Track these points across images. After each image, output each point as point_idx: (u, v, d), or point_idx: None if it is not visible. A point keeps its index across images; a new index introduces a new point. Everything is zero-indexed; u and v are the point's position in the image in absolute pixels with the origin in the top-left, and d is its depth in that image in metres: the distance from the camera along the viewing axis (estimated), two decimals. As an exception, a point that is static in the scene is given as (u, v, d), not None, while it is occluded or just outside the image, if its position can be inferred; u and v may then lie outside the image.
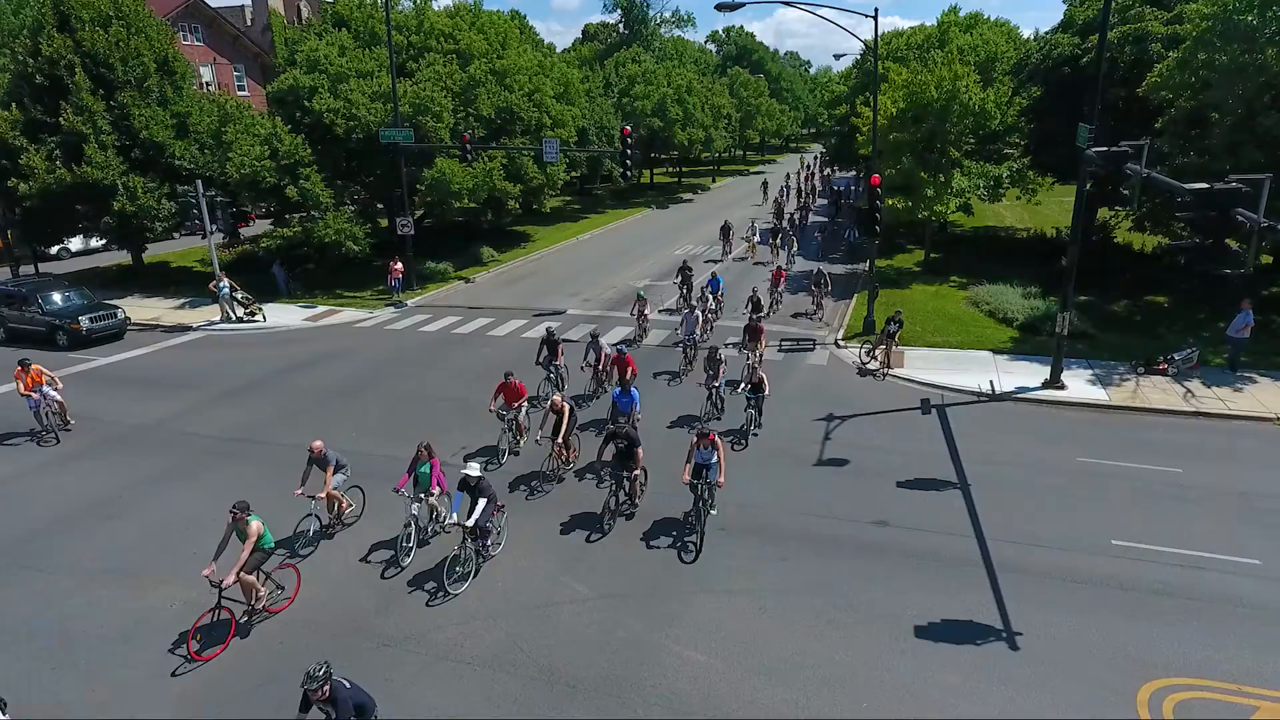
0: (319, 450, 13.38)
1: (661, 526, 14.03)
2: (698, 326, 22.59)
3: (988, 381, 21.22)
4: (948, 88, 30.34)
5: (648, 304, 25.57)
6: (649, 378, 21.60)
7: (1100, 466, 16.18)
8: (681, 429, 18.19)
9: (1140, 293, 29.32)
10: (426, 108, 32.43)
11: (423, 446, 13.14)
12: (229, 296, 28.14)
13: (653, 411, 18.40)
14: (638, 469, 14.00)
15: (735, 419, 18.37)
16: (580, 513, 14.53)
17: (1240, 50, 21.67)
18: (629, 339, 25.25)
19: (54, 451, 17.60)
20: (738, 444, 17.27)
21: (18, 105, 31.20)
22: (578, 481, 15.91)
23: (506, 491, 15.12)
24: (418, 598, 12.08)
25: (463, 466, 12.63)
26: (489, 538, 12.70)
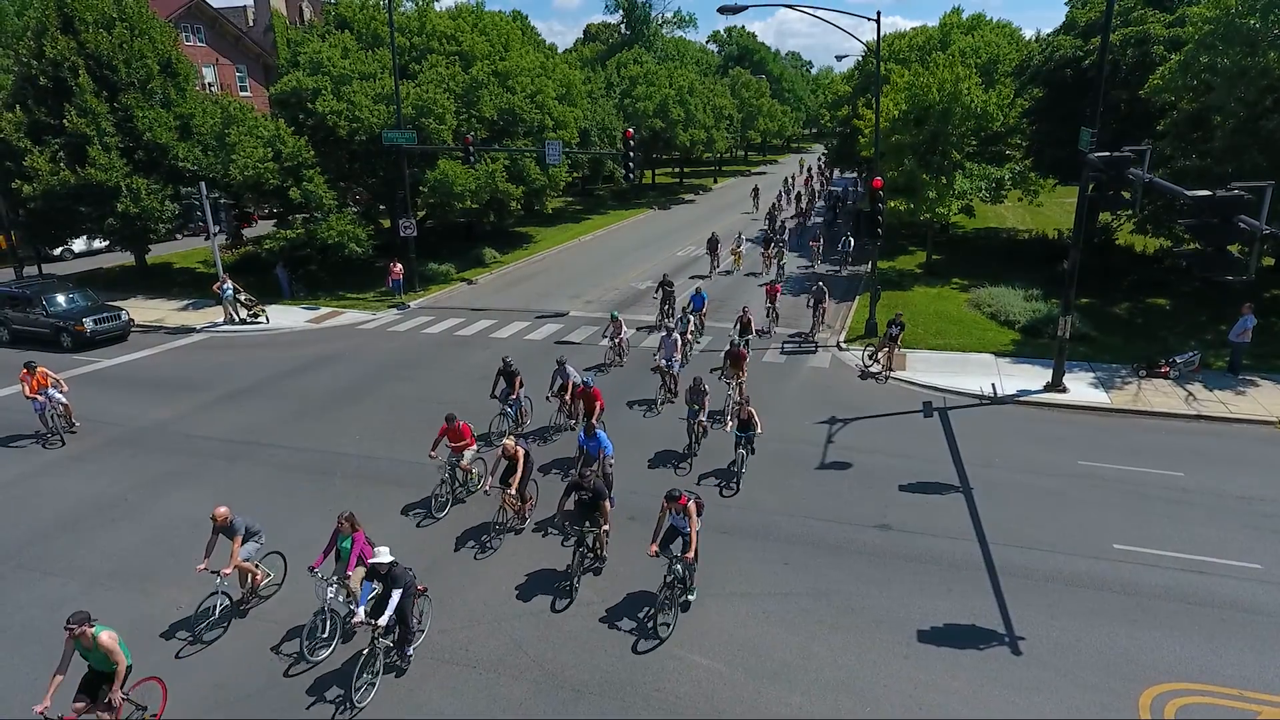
0: (224, 517, 11.57)
1: (637, 601, 11.99)
2: (676, 351, 20.08)
3: (989, 384, 21.27)
4: (949, 89, 30.38)
5: (623, 326, 23.06)
6: (622, 407, 19.74)
7: (1101, 470, 16.21)
8: (664, 469, 16.45)
9: (1142, 295, 29.37)
10: (429, 109, 32.50)
11: (344, 518, 10.96)
12: (232, 298, 28.21)
13: (628, 447, 16.87)
14: (605, 524, 12.44)
15: (719, 457, 16.63)
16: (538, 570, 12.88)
17: (1242, 53, 21.69)
18: (602, 364, 23.01)
19: (59, 454, 17.68)
20: (726, 489, 15.47)
21: (21, 107, 31.26)
22: (540, 537, 13.98)
23: (451, 550, 13.50)
24: (320, 712, 9.95)
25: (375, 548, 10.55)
26: (408, 641, 10.46)
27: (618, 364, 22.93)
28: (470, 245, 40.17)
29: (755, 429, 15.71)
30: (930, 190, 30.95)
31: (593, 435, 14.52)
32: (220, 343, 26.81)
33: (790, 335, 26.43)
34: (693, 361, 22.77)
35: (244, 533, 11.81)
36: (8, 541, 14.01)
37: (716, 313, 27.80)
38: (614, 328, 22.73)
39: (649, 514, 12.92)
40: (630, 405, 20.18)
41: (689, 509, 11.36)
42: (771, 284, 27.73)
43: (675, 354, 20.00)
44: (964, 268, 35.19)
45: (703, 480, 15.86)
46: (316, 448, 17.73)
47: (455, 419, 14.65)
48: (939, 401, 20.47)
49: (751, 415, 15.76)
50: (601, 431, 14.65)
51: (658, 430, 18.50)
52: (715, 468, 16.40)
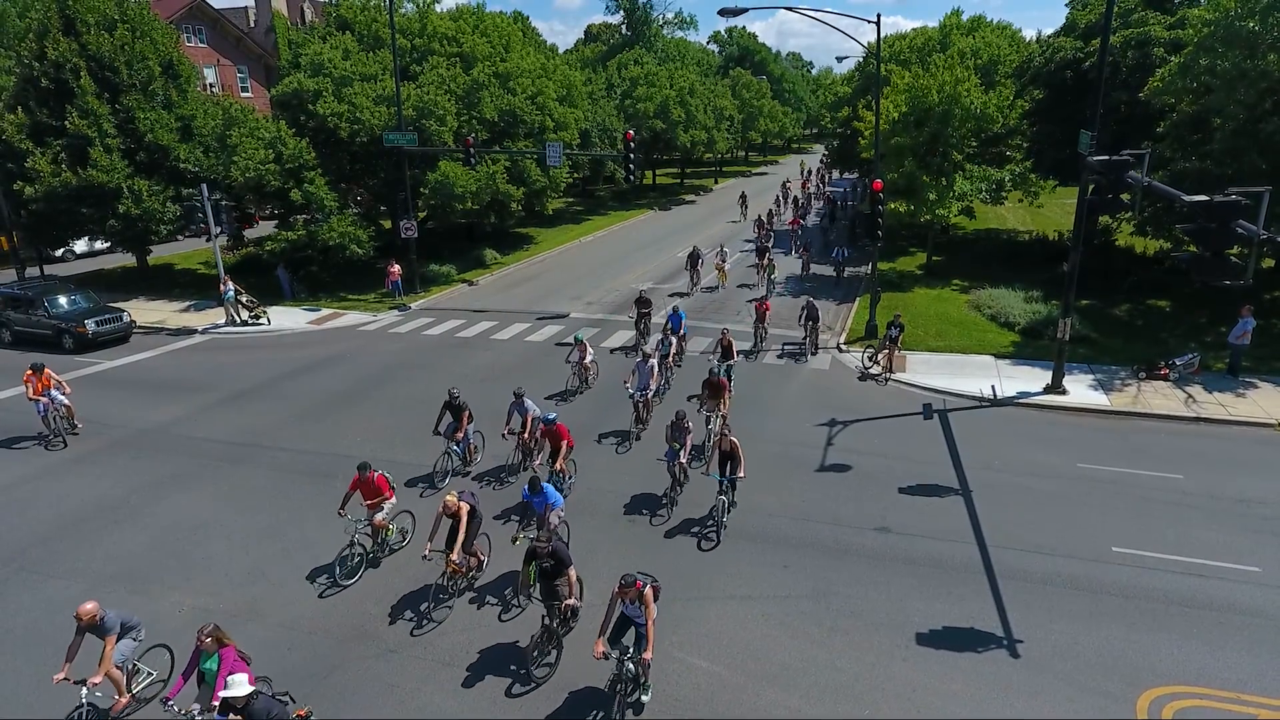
0: (90, 615, 9.59)
1: (581, 704, 10.11)
2: (651, 379, 18.37)
3: (989, 386, 21.30)
4: (949, 91, 30.41)
5: (588, 350, 21.06)
6: (591, 442, 17.75)
7: (1101, 472, 16.25)
8: (639, 517, 14.63)
9: (1142, 297, 29.39)
10: (430, 111, 32.56)
11: (205, 634, 8.77)
12: (234, 300, 28.27)
13: (598, 489, 15.50)
14: (570, 598, 10.65)
15: (704, 501, 14.65)
16: (493, 647, 11.10)
17: (1242, 56, 21.73)
18: (564, 391, 21.07)
19: (61, 456, 17.73)
20: (706, 540, 13.77)
21: (23, 109, 31.34)
22: (493, 612, 11.89)
23: (384, 620, 11.62)
24: None
25: None
26: None
27: (583, 389, 21.09)
28: (471, 246, 40.23)
29: (739, 469, 13.77)
30: (930, 192, 31.00)
31: (538, 489, 12.29)
32: (222, 344, 26.87)
33: (777, 356, 24.40)
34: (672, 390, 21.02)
35: (118, 630, 9.88)
36: (10, 544, 14.06)
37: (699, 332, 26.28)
38: (579, 351, 20.81)
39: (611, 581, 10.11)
40: (600, 439, 18.18)
41: (645, 597, 9.50)
42: (760, 300, 25.24)
43: (650, 382, 18.25)
44: (964, 269, 35.23)
45: (677, 534, 14.06)
46: (317, 450, 17.79)
47: (369, 469, 12.78)
48: (939, 403, 20.51)
49: (735, 447, 13.77)
50: (549, 484, 12.64)
51: (631, 469, 16.57)
52: (697, 515, 14.51)
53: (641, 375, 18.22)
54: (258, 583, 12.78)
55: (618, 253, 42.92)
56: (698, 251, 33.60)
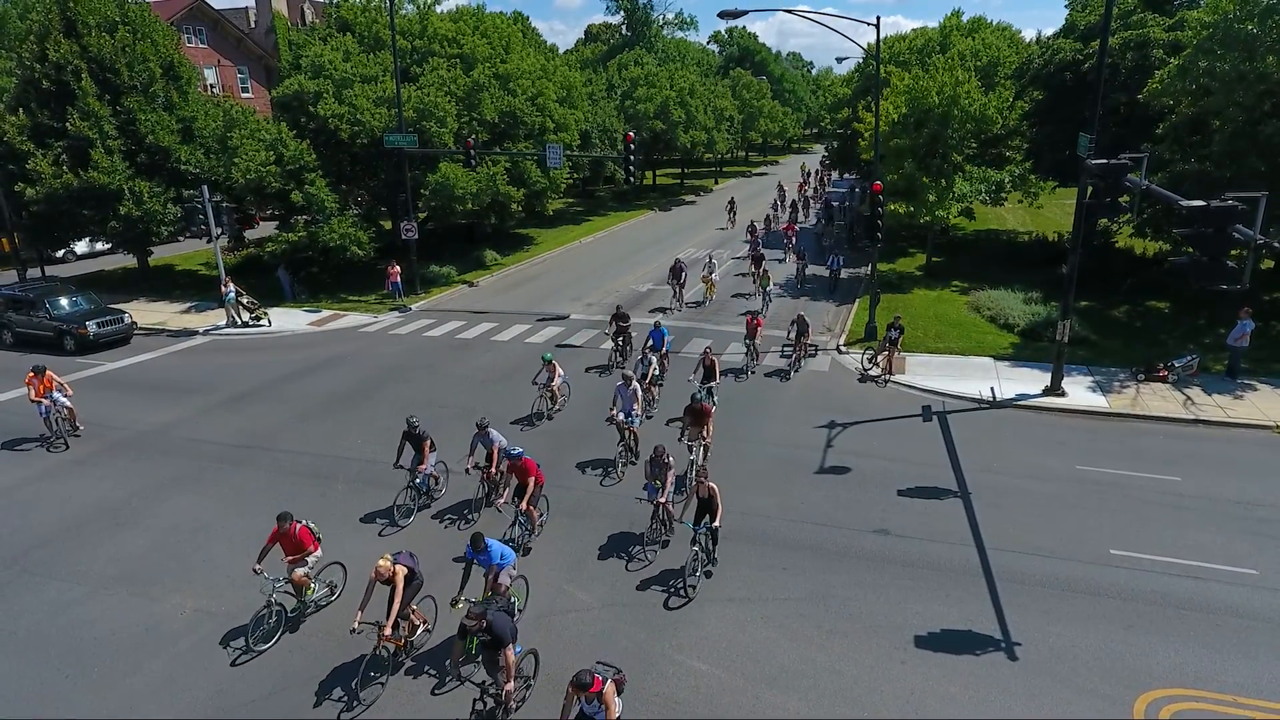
0: None
1: None
2: (635, 403, 16.85)
3: (989, 388, 21.35)
4: (949, 93, 30.46)
5: (558, 370, 19.35)
6: (569, 471, 16.38)
7: (1099, 475, 16.30)
8: (614, 561, 13.17)
9: (1141, 298, 29.43)
10: (430, 113, 32.60)
11: None
12: (234, 301, 28.31)
13: (572, 529, 14.16)
14: (507, 682, 9.26)
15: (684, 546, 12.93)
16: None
17: (1241, 58, 21.76)
18: (531, 415, 19.36)
19: (63, 457, 17.78)
20: (676, 595, 12.18)
21: (25, 110, 31.38)
22: (428, 684, 10.55)
23: (308, 703, 10.18)
24: None
25: None
26: None
27: (553, 413, 19.57)
28: (471, 247, 40.26)
29: (716, 516, 12.31)
30: (930, 193, 31.05)
31: (482, 547, 10.73)
32: (222, 345, 26.92)
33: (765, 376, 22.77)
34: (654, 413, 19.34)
35: None
36: (12, 546, 14.12)
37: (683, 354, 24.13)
38: (546, 371, 19.08)
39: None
40: (583, 469, 16.70)
41: (605, 696, 8.15)
42: (753, 316, 23.30)
43: (634, 406, 16.76)
44: (964, 270, 35.28)
45: (651, 586, 12.56)
46: (318, 452, 17.83)
47: (290, 520, 11.40)
48: (938, 405, 20.55)
49: (713, 494, 12.30)
50: (495, 542, 11.08)
51: (612, 505, 15.05)
52: (679, 564, 12.76)
53: (624, 399, 16.63)
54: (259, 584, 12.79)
55: (618, 254, 42.95)
56: (680, 264, 30.55)
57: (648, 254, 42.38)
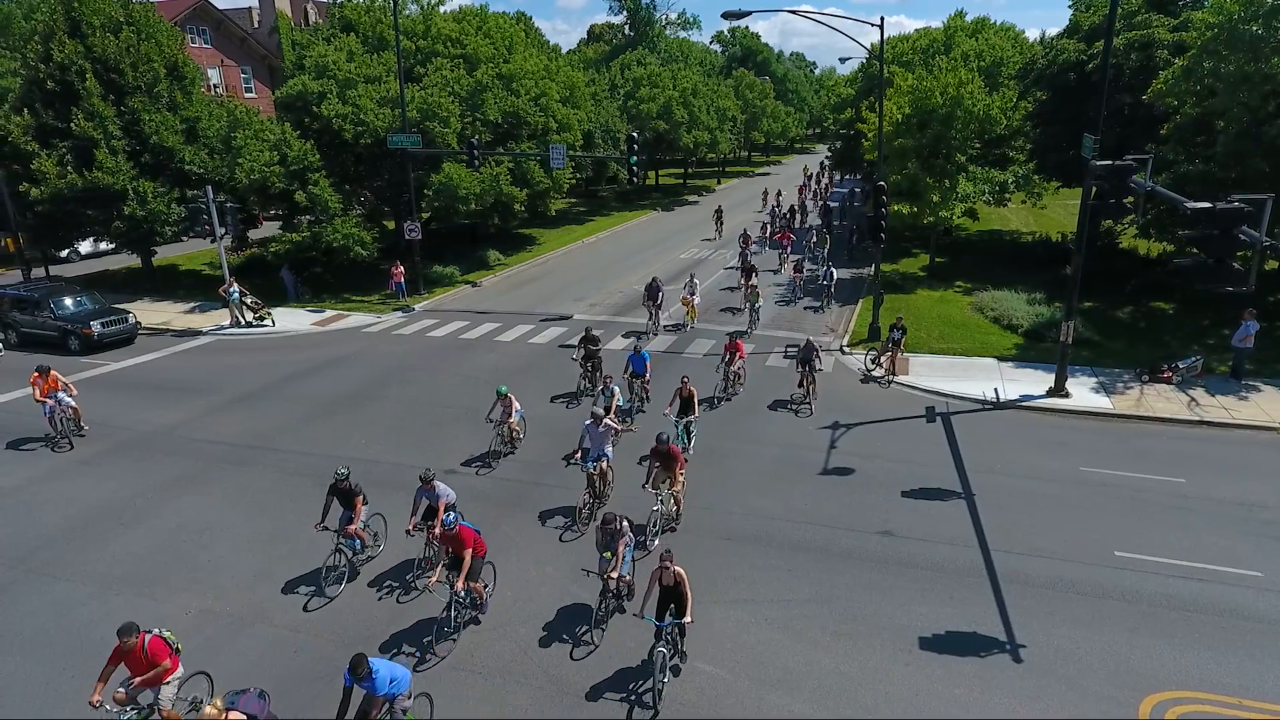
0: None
1: None
2: (608, 443, 14.63)
3: (992, 389, 21.33)
4: (953, 93, 30.43)
5: (514, 405, 16.97)
6: (525, 523, 14.49)
7: (1103, 476, 16.28)
8: (561, 645, 11.26)
9: (1145, 299, 29.37)
10: (434, 113, 32.63)
11: None
12: (238, 301, 28.36)
13: (519, 592, 12.43)
14: None
15: (643, 637, 10.85)
16: None
17: (1245, 59, 21.72)
18: (487, 454, 17.08)
19: (68, 458, 17.82)
20: (641, 707, 10.12)
21: (29, 110, 31.46)
22: None
23: None
24: None
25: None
26: None
27: (508, 453, 17.30)
28: (474, 247, 40.28)
29: (685, 609, 10.24)
30: (934, 194, 31.01)
31: (363, 673, 8.55)
32: (226, 346, 26.96)
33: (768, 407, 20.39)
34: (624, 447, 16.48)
35: None
36: (17, 545, 14.16)
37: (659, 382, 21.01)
38: (501, 406, 16.81)
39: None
40: (544, 518, 14.71)
41: None
42: (734, 339, 21.03)
43: (606, 447, 14.63)
44: (967, 271, 35.24)
45: (605, 691, 10.40)
46: (322, 452, 17.84)
47: (135, 631, 9.04)
48: (942, 406, 20.54)
49: (681, 581, 10.29)
50: (383, 664, 8.86)
51: (569, 569, 12.91)
52: (635, 661, 10.85)
53: (594, 439, 14.52)
54: (264, 585, 12.84)
55: (621, 254, 42.96)
56: (656, 283, 27.21)
57: (650, 254, 42.39)
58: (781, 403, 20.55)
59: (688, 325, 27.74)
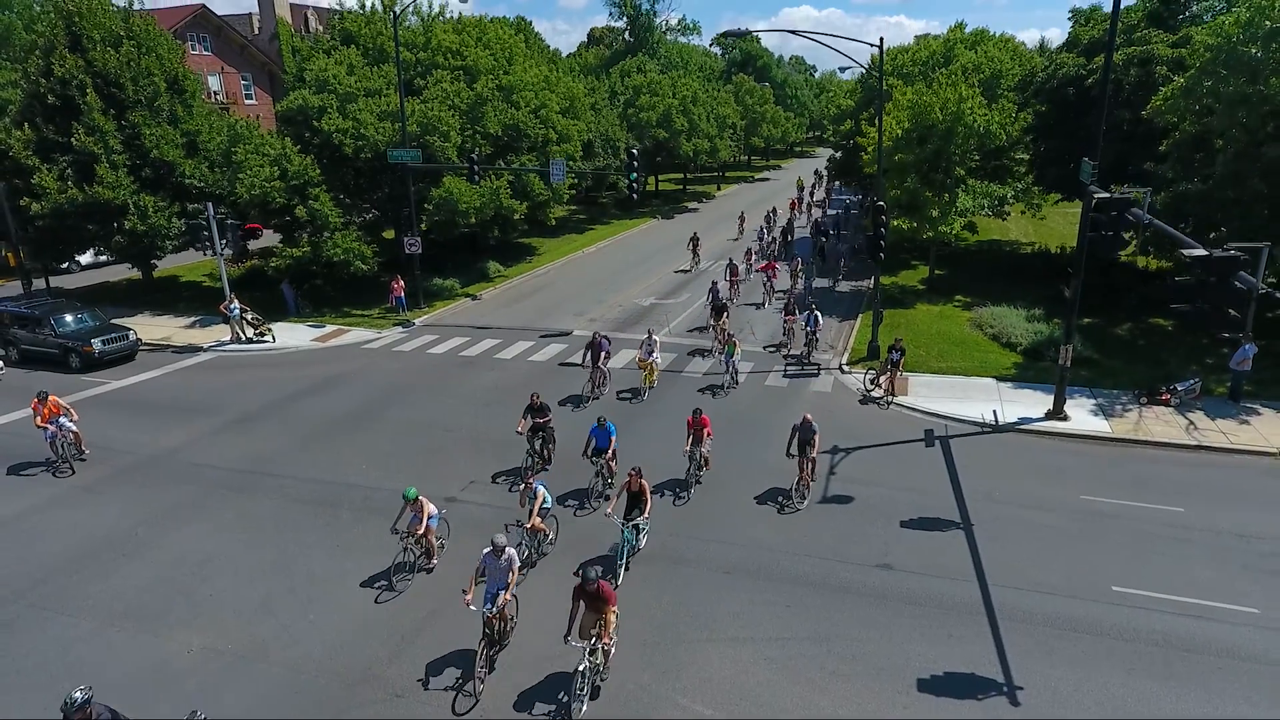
0: None
1: None
2: (511, 577, 11.45)
3: (991, 411, 21.38)
4: (953, 109, 30.47)
5: (426, 508, 13.65)
6: (407, 679, 11.41)
7: (1101, 505, 16.33)
8: None
9: (1144, 315, 29.39)
10: (434, 127, 32.67)
11: None
12: (239, 318, 28.41)
13: None
14: None
15: None
16: None
17: (1244, 81, 21.76)
18: (399, 563, 13.97)
19: (69, 483, 17.86)
20: None
21: (30, 125, 31.52)
22: None
23: None
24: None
25: None
26: None
27: (425, 569, 14.14)
28: (474, 258, 40.28)
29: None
30: (933, 209, 31.06)
31: None
32: (227, 363, 27.00)
33: (755, 499, 16.86)
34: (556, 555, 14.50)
35: None
36: (20, 578, 14.20)
37: None
38: (412, 512, 13.62)
39: None
40: (428, 675, 11.61)
41: None
42: (697, 415, 16.83)
43: (505, 586, 11.40)
44: (967, 283, 35.31)
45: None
46: (323, 478, 17.90)
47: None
48: (941, 429, 20.59)
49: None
50: None
51: None
52: None
53: (492, 574, 11.47)
54: (266, 621, 12.89)
55: (620, 264, 42.99)
56: (600, 340, 22.65)
57: (650, 264, 42.43)
58: (775, 493, 16.91)
59: (645, 392, 22.97)
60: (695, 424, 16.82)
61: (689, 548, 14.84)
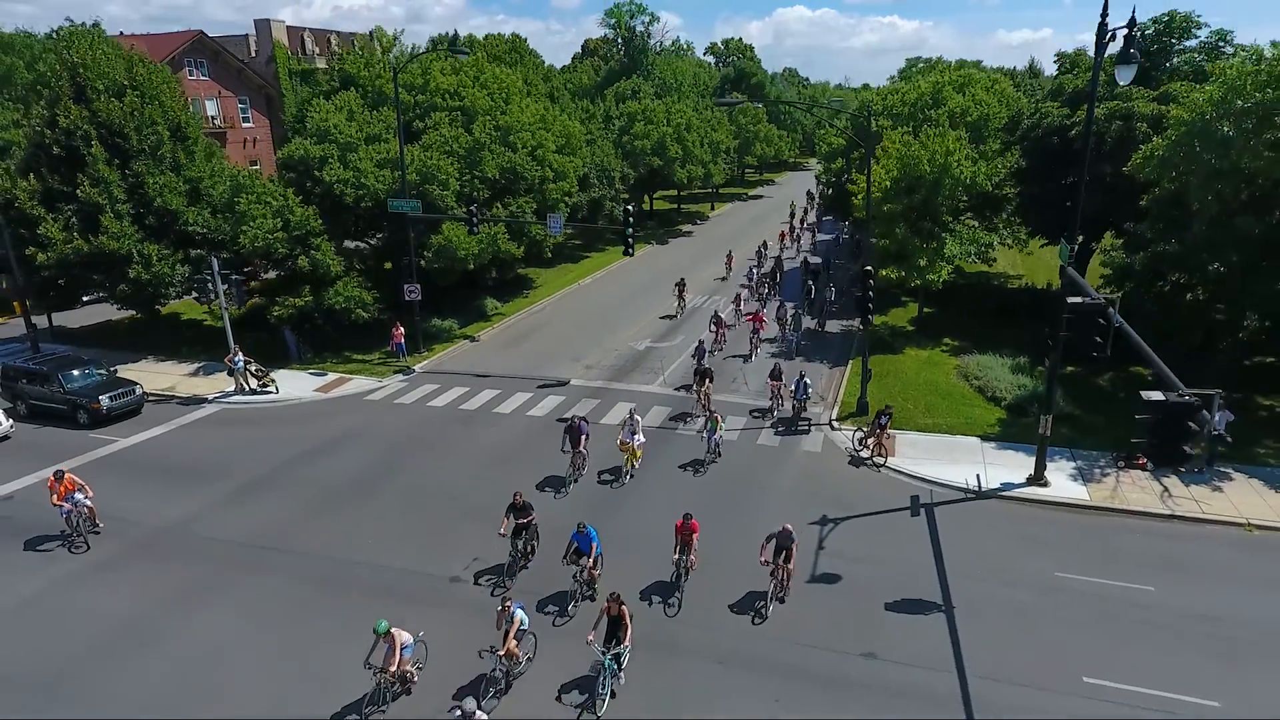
0: None
1: None
2: None
3: (975, 475, 22.17)
4: (940, 161, 31.28)
5: (397, 642, 13.28)
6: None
7: (1076, 583, 17.13)
8: None
9: (1125, 363, 30.21)
10: (433, 176, 33.32)
11: None
12: (243, 369, 29.02)
13: None
14: None
15: None
16: None
17: (1217, 156, 22.58)
18: (366, 703, 13.43)
19: (84, 560, 18.46)
20: None
21: (35, 175, 32.06)
22: None
23: None
24: None
25: None
26: None
27: (399, 692, 13.82)
28: (472, 294, 40.90)
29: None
30: (921, 258, 31.86)
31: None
32: (232, 417, 27.59)
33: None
34: None
35: None
36: (43, 670, 14.79)
37: None
38: (385, 645, 13.17)
39: None
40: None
41: None
42: (687, 520, 16.60)
43: None
44: (955, 323, 36.22)
45: None
46: (331, 554, 18.53)
47: None
48: (927, 495, 21.37)
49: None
50: None
51: None
52: None
53: None
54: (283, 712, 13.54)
55: (615, 299, 43.63)
56: (579, 424, 21.70)
57: (646, 300, 43.02)
58: (751, 599, 16.57)
59: (627, 473, 22.12)
60: (684, 529, 16.50)
61: (685, 632, 15.56)
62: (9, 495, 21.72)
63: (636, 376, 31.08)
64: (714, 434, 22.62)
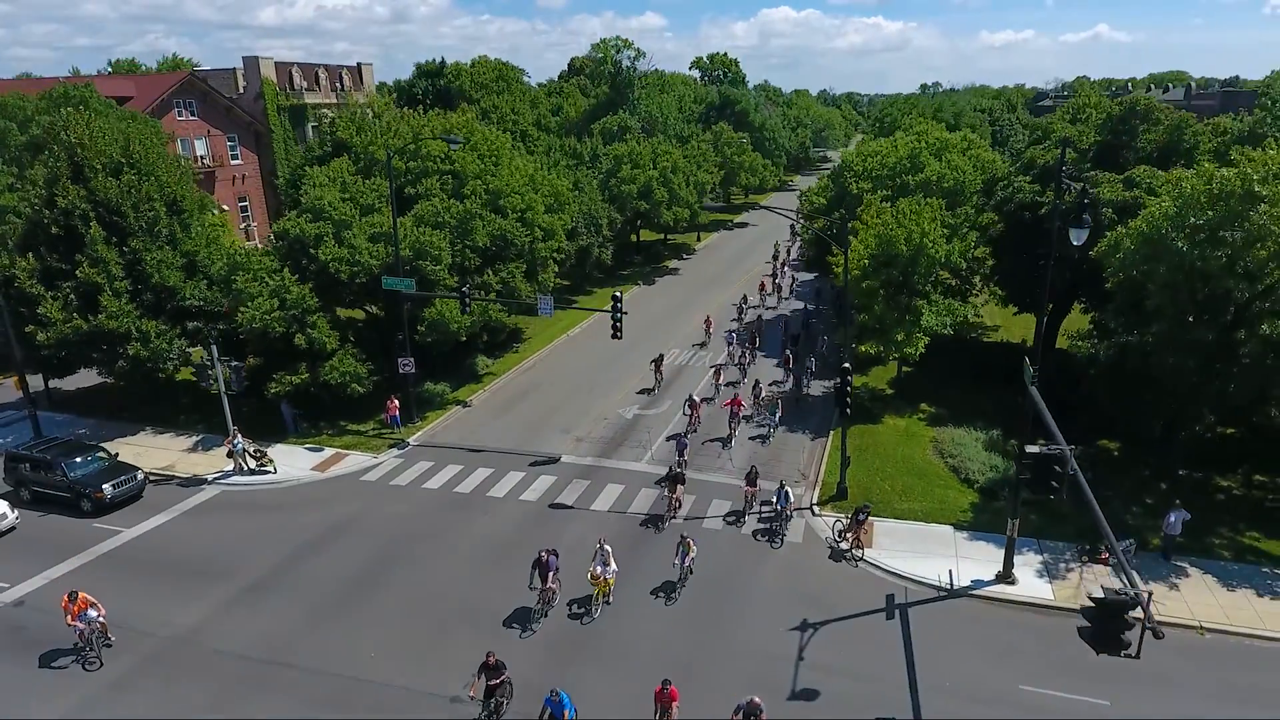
0: None
1: None
2: None
3: (948, 571, 23.41)
4: (916, 241, 32.52)
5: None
6: None
7: (1037, 698, 18.39)
8: None
9: (1095, 436, 31.58)
10: (426, 251, 34.17)
11: None
12: (242, 451, 29.82)
13: None
14: None
15: None
16: None
17: (1169, 268, 23.87)
18: None
19: (99, 680, 19.25)
20: None
21: (34, 254, 32.63)
22: None
23: None
24: None
25: None
26: None
27: None
28: (464, 354, 41.68)
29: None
30: (899, 333, 33.09)
31: None
32: (232, 501, 28.38)
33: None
34: None
35: None
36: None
37: None
38: None
39: None
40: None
41: None
42: (666, 686, 16.41)
43: None
44: (933, 384, 37.40)
45: None
46: (334, 670, 19.41)
47: None
48: (901, 594, 22.57)
49: None
50: None
51: None
52: None
53: None
54: None
55: (603, 356, 44.05)
56: (545, 559, 20.88)
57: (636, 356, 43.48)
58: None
59: (596, 608, 21.36)
60: (663, 696, 16.21)
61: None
62: (20, 600, 22.50)
63: (625, 451, 32.06)
64: (686, 557, 22.07)
